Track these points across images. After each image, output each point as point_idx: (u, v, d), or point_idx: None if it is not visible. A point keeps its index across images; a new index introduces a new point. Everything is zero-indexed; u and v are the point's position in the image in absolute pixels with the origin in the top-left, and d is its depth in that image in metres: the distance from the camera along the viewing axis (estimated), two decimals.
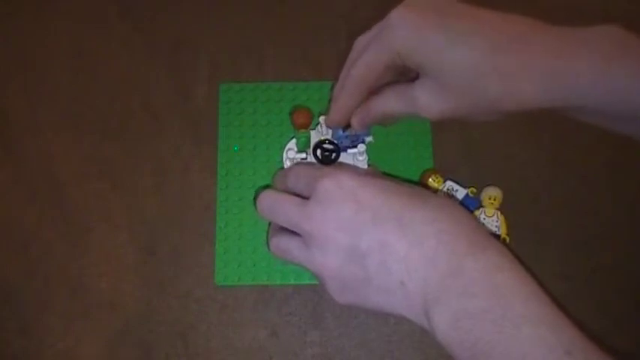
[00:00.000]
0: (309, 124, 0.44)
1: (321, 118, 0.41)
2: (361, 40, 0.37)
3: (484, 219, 0.41)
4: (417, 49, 0.33)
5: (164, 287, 0.42)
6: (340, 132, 0.39)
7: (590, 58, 0.30)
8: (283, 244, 0.36)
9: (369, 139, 0.41)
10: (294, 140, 0.41)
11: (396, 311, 0.32)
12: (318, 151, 0.40)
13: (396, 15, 0.33)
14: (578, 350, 0.27)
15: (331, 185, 0.33)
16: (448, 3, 0.34)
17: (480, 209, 0.42)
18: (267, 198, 0.37)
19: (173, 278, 0.42)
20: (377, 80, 0.36)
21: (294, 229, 0.35)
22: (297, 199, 0.35)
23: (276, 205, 0.36)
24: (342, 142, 0.40)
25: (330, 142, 0.40)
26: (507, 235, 0.41)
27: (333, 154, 0.40)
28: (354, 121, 0.39)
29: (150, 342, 0.41)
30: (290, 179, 0.37)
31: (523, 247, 0.42)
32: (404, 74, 0.37)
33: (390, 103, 0.36)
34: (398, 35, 0.33)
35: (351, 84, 0.36)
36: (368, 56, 0.35)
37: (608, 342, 0.40)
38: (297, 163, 0.40)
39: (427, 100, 0.34)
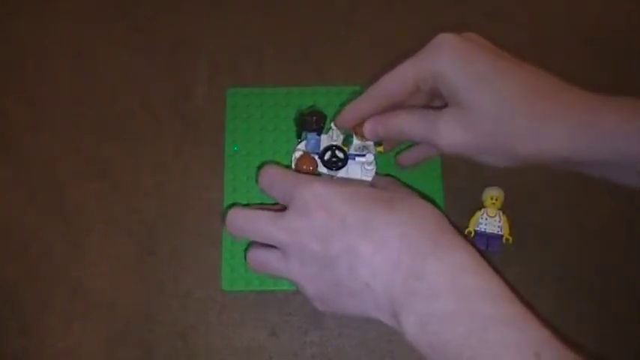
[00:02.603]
0: (314, 169, 0.41)
1: (333, 124, 0.41)
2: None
3: (486, 219, 0.41)
4: (458, 72, 0.33)
5: (164, 287, 0.42)
6: (313, 141, 0.40)
7: (619, 108, 0.31)
8: (260, 257, 0.37)
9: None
10: (302, 143, 0.41)
11: (370, 315, 0.33)
12: (328, 154, 0.40)
13: (444, 37, 0.34)
14: (547, 351, 0.27)
15: (307, 195, 0.33)
16: (496, 48, 0.34)
17: (483, 210, 0.42)
18: (238, 216, 0.36)
19: (173, 278, 0.42)
20: (402, 95, 0.36)
21: (270, 243, 0.35)
22: (270, 213, 0.35)
23: (249, 223, 0.36)
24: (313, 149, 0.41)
25: (342, 151, 0.40)
26: (510, 235, 0.41)
27: (340, 164, 0.40)
28: (367, 126, 0.38)
29: (150, 342, 0.41)
30: (264, 181, 0.37)
31: (523, 247, 0.42)
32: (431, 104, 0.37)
33: (411, 120, 0.36)
34: (442, 55, 0.33)
35: (376, 89, 0.36)
36: (403, 67, 0.35)
37: (608, 342, 0.41)
38: (271, 165, 0.38)
39: (448, 128, 0.34)
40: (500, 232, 0.41)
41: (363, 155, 0.40)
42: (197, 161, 0.45)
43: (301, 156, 0.40)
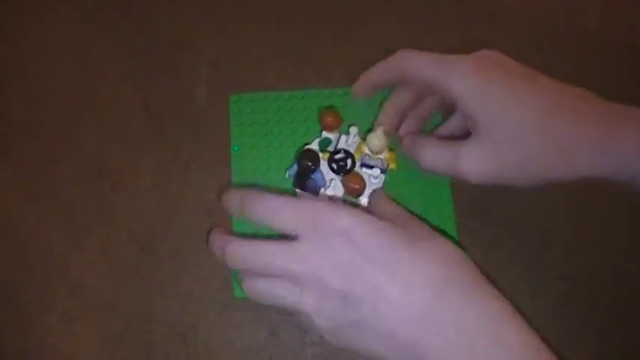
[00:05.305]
0: (338, 124, 0.42)
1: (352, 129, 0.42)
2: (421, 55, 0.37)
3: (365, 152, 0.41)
4: (478, 102, 0.34)
5: (164, 287, 0.42)
6: (319, 175, 0.41)
7: (638, 131, 0.31)
8: (265, 288, 0.33)
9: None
10: (315, 142, 0.42)
11: (386, 359, 0.31)
12: (334, 165, 0.40)
13: (465, 64, 0.35)
14: None
15: (327, 225, 0.31)
16: (514, 64, 0.35)
17: (367, 145, 0.41)
18: (244, 248, 0.33)
19: (173, 278, 0.42)
20: (414, 79, 0.37)
21: (279, 274, 0.32)
22: (279, 244, 0.32)
23: (258, 254, 0.32)
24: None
25: (342, 151, 0.40)
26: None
27: (348, 162, 0.40)
28: (404, 143, 0.41)
29: (150, 342, 0.41)
30: (260, 212, 0.33)
31: (523, 247, 0.42)
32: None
33: (434, 154, 0.37)
34: (461, 82, 0.34)
35: (391, 64, 0.38)
36: (425, 63, 0.36)
37: (608, 342, 0.41)
38: (263, 195, 0.34)
39: (471, 160, 0.35)
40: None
41: (371, 167, 0.41)
42: (197, 161, 0.45)
43: (351, 174, 0.41)
